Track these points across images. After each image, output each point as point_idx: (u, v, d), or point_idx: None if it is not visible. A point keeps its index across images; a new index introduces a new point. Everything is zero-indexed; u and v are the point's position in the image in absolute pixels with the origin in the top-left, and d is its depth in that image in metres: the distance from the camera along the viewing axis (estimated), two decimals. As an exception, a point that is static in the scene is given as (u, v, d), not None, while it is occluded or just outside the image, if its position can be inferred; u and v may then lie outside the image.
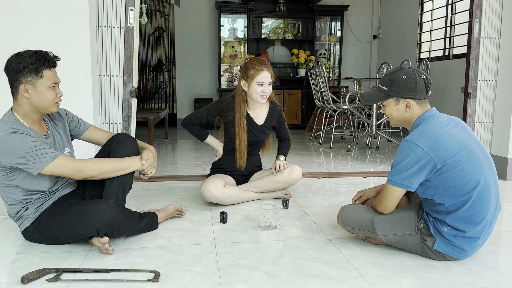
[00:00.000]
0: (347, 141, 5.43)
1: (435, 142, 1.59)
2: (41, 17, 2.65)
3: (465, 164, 1.59)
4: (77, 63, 2.68)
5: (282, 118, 2.66)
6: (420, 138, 1.61)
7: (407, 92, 1.70)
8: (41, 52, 1.72)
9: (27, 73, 1.69)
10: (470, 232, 1.63)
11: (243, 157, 2.52)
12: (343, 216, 1.87)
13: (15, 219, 1.85)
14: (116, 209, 1.75)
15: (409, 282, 1.55)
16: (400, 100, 1.72)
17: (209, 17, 6.70)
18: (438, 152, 1.58)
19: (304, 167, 3.64)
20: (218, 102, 2.55)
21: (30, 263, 1.68)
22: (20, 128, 1.70)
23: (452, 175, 1.59)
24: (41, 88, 1.72)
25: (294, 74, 6.80)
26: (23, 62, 1.67)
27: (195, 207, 2.47)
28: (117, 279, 1.54)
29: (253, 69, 2.43)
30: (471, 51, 3.33)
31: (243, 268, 1.65)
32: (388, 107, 1.76)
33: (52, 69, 1.75)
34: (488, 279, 1.58)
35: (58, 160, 1.71)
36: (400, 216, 1.75)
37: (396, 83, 1.70)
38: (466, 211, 1.61)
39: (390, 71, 1.78)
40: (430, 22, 5.70)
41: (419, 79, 1.70)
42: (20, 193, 1.79)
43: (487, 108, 3.41)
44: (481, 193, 1.61)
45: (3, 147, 1.65)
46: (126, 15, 2.87)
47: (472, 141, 1.65)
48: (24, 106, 1.74)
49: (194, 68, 6.77)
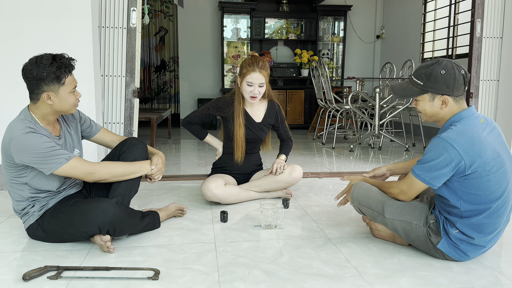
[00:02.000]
0: (349, 141, 5.43)
1: (472, 147, 1.52)
2: (43, 18, 2.68)
3: (494, 175, 1.54)
4: (80, 64, 2.67)
5: (281, 116, 2.65)
6: (458, 139, 1.53)
7: (444, 88, 1.59)
8: (59, 58, 1.72)
9: (49, 82, 1.70)
10: (478, 240, 1.62)
11: (240, 150, 2.52)
12: (355, 192, 1.85)
13: (20, 215, 1.87)
14: (118, 208, 1.77)
15: (407, 281, 1.55)
16: (436, 96, 1.61)
17: (212, 18, 6.72)
18: (473, 157, 1.52)
19: (306, 167, 3.64)
20: (217, 100, 2.57)
21: (32, 261, 1.70)
22: (36, 127, 1.73)
23: (477, 183, 1.54)
24: (63, 95, 1.75)
25: (297, 74, 6.80)
26: (45, 71, 1.67)
27: (196, 206, 2.48)
28: (117, 277, 1.56)
29: (245, 68, 2.43)
30: (473, 50, 3.33)
31: (242, 267, 1.66)
32: (421, 102, 1.66)
33: (71, 74, 1.77)
34: (487, 278, 1.58)
35: (72, 162, 1.74)
36: (413, 205, 1.72)
37: (434, 78, 1.59)
38: (480, 220, 1.58)
39: (426, 63, 1.65)
40: (433, 22, 5.69)
41: (458, 75, 1.59)
42: (28, 191, 1.81)
43: (489, 107, 3.40)
44: (500, 205, 1.58)
45: (20, 146, 1.68)
46: (128, 15, 2.89)
47: (504, 150, 1.59)
48: (44, 110, 1.77)
49: (197, 68, 6.79)
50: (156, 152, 2.08)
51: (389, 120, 4.93)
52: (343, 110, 5.01)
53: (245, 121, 2.53)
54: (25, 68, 1.71)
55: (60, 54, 1.75)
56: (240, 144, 2.52)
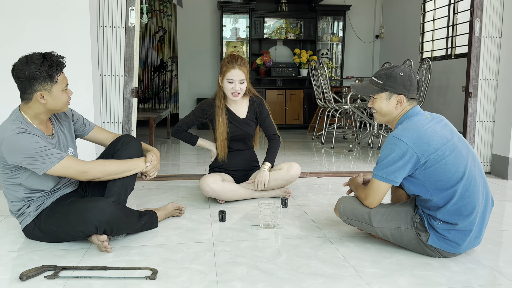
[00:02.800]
0: (348, 141, 5.42)
1: (418, 137, 1.63)
2: (41, 17, 2.67)
3: (448, 158, 1.62)
4: (78, 63, 2.70)
5: (263, 110, 2.61)
6: (404, 134, 1.65)
7: (401, 88, 1.72)
8: (49, 56, 1.72)
9: (42, 81, 1.69)
10: (462, 224, 1.65)
11: (223, 150, 2.56)
12: (340, 207, 1.90)
13: (16, 216, 1.87)
14: (115, 207, 1.76)
15: (405, 280, 1.55)
16: (393, 96, 1.74)
17: (211, 17, 6.72)
18: (422, 146, 1.62)
19: (305, 167, 3.64)
20: (201, 104, 2.62)
21: (29, 260, 1.69)
22: (28, 128, 1.72)
23: (436, 169, 1.62)
24: (56, 93, 1.74)
25: (296, 74, 6.80)
26: (37, 70, 1.67)
27: (194, 206, 2.48)
28: (115, 276, 1.55)
29: (225, 66, 2.45)
30: (472, 50, 3.32)
31: (240, 266, 1.65)
32: (378, 100, 1.78)
33: (63, 72, 1.77)
34: (485, 278, 1.58)
35: (65, 161, 1.73)
36: (397, 210, 1.78)
37: (393, 78, 1.73)
38: (455, 204, 1.63)
39: (386, 67, 1.80)
40: (432, 21, 5.68)
41: (413, 78, 1.74)
42: (23, 191, 1.80)
43: (488, 107, 3.40)
44: (467, 185, 1.64)
45: (11, 146, 1.67)
46: (127, 15, 2.88)
47: (454, 136, 1.69)
48: (37, 109, 1.76)
49: (196, 68, 6.79)
50: (150, 149, 2.07)
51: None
52: (342, 109, 5.01)
53: (230, 119, 2.54)
54: (16, 68, 1.70)
55: (50, 52, 1.74)
56: (221, 143, 2.54)
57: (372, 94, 1.79)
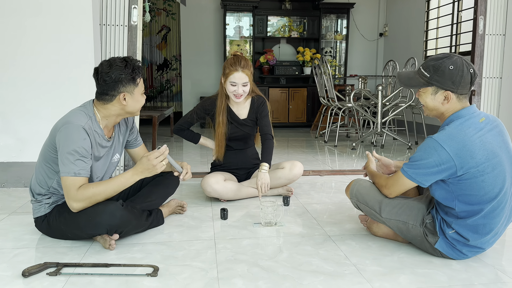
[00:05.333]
0: (352, 139, 5.41)
1: (463, 148, 1.51)
2: (44, 16, 2.68)
3: (489, 175, 1.52)
4: (81, 61, 2.72)
5: (264, 109, 2.56)
6: (448, 141, 1.52)
7: (449, 84, 1.57)
8: (131, 60, 1.79)
9: (126, 83, 1.76)
10: (474, 242, 1.61)
11: (221, 149, 2.55)
12: (354, 188, 1.85)
13: (33, 200, 1.86)
14: (125, 211, 1.76)
15: (406, 278, 1.54)
16: (439, 91, 1.59)
17: (215, 16, 6.72)
18: (464, 159, 1.50)
19: (308, 165, 3.64)
20: (203, 101, 2.60)
21: (32, 257, 1.70)
22: (91, 126, 1.76)
23: (471, 184, 1.53)
24: (137, 96, 1.81)
25: (299, 72, 6.79)
26: (123, 73, 1.74)
27: (197, 204, 2.48)
28: (117, 273, 1.56)
29: (228, 68, 2.42)
30: (475, 48, 3.31)
31: (241, 264, 1.66)
32: (424, 94, 1.64)
33: (141, 76, 1.83)
34: (487, 276, 1.57)
35: (71, 180, 1.68)
36: (410, 205, 1.71)
37: (441, 72, 1.57)
38: (476, 221, 1.57)
39: (437, 56, 1.62)
40: (437, 19, 5.66)
41: (466, 72, 1.56)
42: (55, 181, 1.80)
43: (492, 105, 3.38)
44: (496, 206, 1.56)
45: (68, 133, 1.69)
46: (130, 13, 2.89)
47: (504, 149, 1.56)
48: (113, 110, 1.81)
49: (200, 66, 6.79)
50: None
51: (391, 118, 4.91)
52: (346, 108, 4.99)
53: (230, 119, 2.53)
54: (101, 71, 1.75)
55: (128, 56, 1.81)
56: (218, 143, 2.54)
57: (417, 88, 1.65)
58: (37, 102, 2.76)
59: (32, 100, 2.76)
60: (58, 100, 2.73)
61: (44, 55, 2.73)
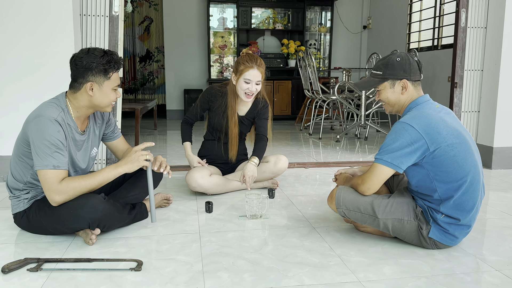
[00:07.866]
0: (336, 131, 5.44)
1: (429, 125, 1.60)
2: (23, 6, 2.60)
3: (458, 150, 1.60)
4: (61, 53, 2.65)
5: (265, 113, 2.54)
6: (415, 120, 1.61)
7: (402, 73, 1.70)
8: (110, 53, 1.75)
9: (96, 73, 1.72)
10: (464, 219, 1.65)
11: (233, 150, 2.54)
12: (340, 197, 1.75)
13: (11, 196, 1.82)
14: (107, 204, 1.73)
15: (390, 269, 1.56)
16: (396, 82, 1.72)
17: (198, 7, 6.64)
18: (432, 135, 1.58)
19: (293, 157, 3.64)
20: (206, 92, 2.54)
21: (12, 253, 1.67)
22: (64, 119, 1.72)
23: (445, 160, 1.60)
24: (106, 89, 1.76)
25: (284, 65, 6.78)
26: (95, 61, 1.70)
27: (181, 197, 2.46)
28: (99, 268, 1.54)
29: (243, 65, 2.39)
30: (458, 40, 3.34)
31: (226, 257, 1.65)
32: (383, 91, 1.75)
33: (117, 71, 1.78)
34: (468, 265, 1.60)
35: (51, 173, 1.65)
36: (398, 201, 1.72)
37: (391, 66, 1.71)
38: (459, 198, 1.62)
39: (382, 57, 1.79)
40: (419, 12, 5.70)
41: (412, 61, 1.72)
42: (30, 176, 1.76)
43: (473, 97, 3.43)
44: (472, 180, 1.62)
45: (39, 126, 1.65)
46: (111, 3, 2.83)
47: (463, 130, 1.67)
48: (82, 101, 1.76)
49: (183, 58, 6.71)
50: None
51: (375, 111, 4.95)
52: (330, 100, 5.01)
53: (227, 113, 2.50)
54: (76, 56, 1.73)
55: (110, 50, 1.78)
56: (235, 143, 2.51)
57: (375, 87, 1.78)
58: (15, 95, 2.68)
59: (10, 92, 2.68)
60: (37, 93, 2.66)
61: (23, 46, 2.65)
